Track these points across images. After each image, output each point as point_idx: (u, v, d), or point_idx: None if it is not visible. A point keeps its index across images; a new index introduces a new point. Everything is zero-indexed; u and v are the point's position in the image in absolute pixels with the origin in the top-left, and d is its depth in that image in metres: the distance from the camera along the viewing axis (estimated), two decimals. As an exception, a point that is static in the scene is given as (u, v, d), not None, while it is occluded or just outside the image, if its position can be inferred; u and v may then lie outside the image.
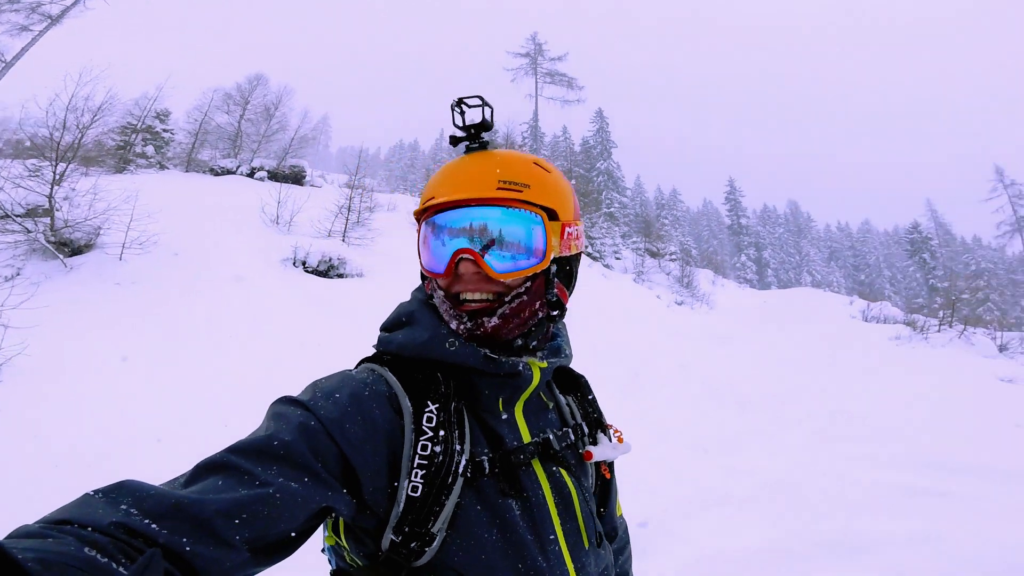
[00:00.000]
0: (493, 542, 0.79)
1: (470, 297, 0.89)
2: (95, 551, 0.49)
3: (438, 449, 0.78)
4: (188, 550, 0.56)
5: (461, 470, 0.79)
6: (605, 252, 23.74)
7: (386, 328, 0.98)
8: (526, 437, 0.90)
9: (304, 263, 10.56)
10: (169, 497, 0.59)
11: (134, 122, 17.99)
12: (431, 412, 0.81)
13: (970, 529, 4.01)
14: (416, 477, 0.76)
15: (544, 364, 0.93)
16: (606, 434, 1.05)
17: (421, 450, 0.78)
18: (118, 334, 6.07)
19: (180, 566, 0.56)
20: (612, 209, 30.74)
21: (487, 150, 0.96)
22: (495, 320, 0.88)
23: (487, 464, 0.83)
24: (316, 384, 0.83)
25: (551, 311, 0.95)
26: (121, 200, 8.51)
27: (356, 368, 0.93)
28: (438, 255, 0.91)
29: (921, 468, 5.43)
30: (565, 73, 37.62)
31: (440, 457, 0.78)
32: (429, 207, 0.93)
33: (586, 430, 1.01)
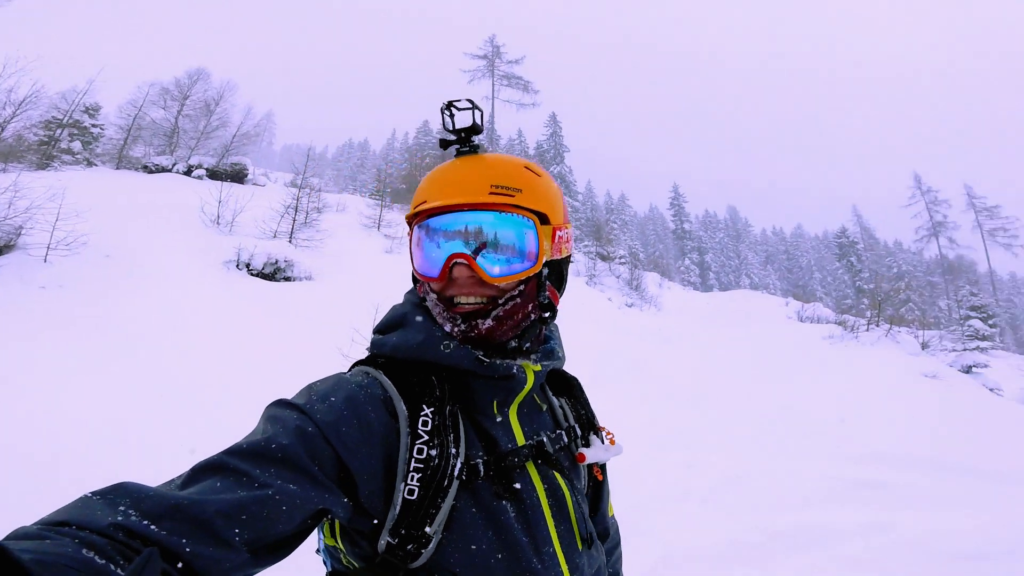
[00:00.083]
0: (488, 544, 0.79)
1: (463, 300, 0.89)
2: (93, 552, 0.49)
3: (434, 453, 0.78)
4: (188, 551, 0.56)
5: (456, 473, 0.79)
6: (558, 255, 23.89)
7: (379, 330, 0.98)
8: (520, 440, 0.90)
9: (248, 265, 10.08)
10: (168, 498, 0.59)
11: (60, 116, 16.79)
12: (426, 416, 0.81)
13: (912, 518, 4.28)
14: (412, 481, 0.77)
15: (538, 367, 0.94)
16: (598, 436, 1.05)
17: (417, 454, 0.78)
18: (43, 341, 5.56)
19: (179, 567, 0.56)
20: (564, 213, 31.15)
21: (478, 154, 0.96)
22: (489, 322, 0.89)
23: (482, 467, 0.83)
24: (311, 387, 0.82)
25: (543, 313, 0.96)
26: (46, 198, 7.87)
27: (350, 371, 0.92)
28: (431, 259, 0.91)
29: (862, 461, 5.79)
30: (521, 76, 37.92)
31: (436, 461, 0.78)
32: (421, 211, 0.93)
33: (579, 432, 1.02)
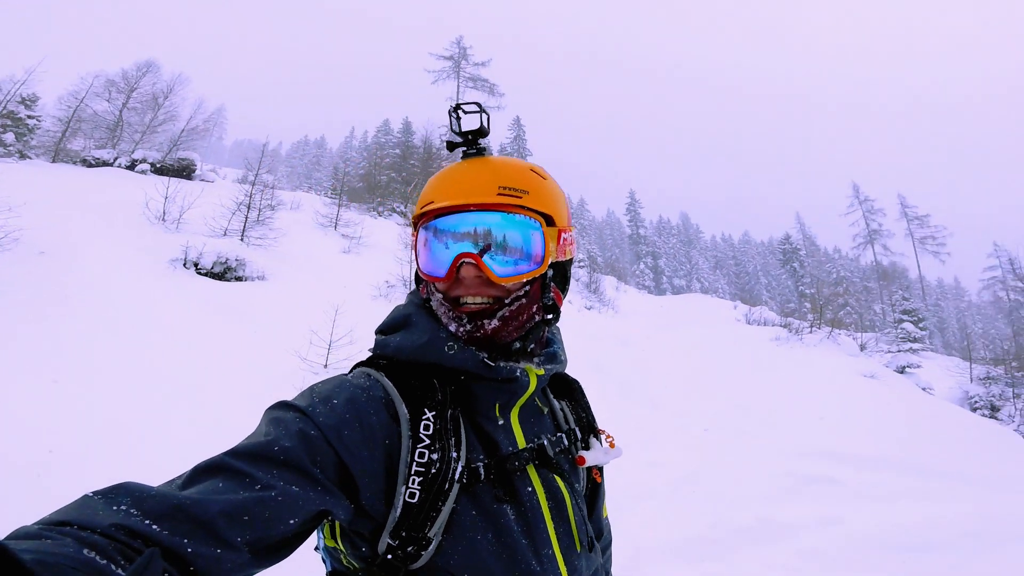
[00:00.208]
0: (488, 546, 0.79)
1: (470, 300, 0.89)
2: (94, 552, 0.49)
3: (435, 457, 0.78)
4: (189, 551, 0.56)
5: (457, 477, 0.79)
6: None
7: (382, 331, 0.97)
8: (521, 443, 0.90)
9: (196, 264, 9.59)
10: (170, 498, 0.59)
11: (-8, 108, 15.58)
12: (428, 420, 0.81)
13: (865, 511, 4.50)
14: (413, 484, 0.77)
15: (541, 371, 0.94)
16: (598, 439, 1.06)
17: (418, 457, 0.78)
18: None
19: (180, 567, 0.56)
20: (525, 216, 31.39)
21: (484, 156, 0.96)
22: (495, 322, 0.88)
23: (483, 470, 0.83)
24: (313, 389, 0.82)
25: (547, 315, 0.96)
26: (-28, 191, 7.25)
27: (351, 372, 0.92)
28: (438, 259, 0.91)
29: (812, 457, 6.05)
30: (487, 79, 37.79)
31: (437, 465, 0.78)
32: (428, 212, 0.92)
33: (579, 435, 1.02)
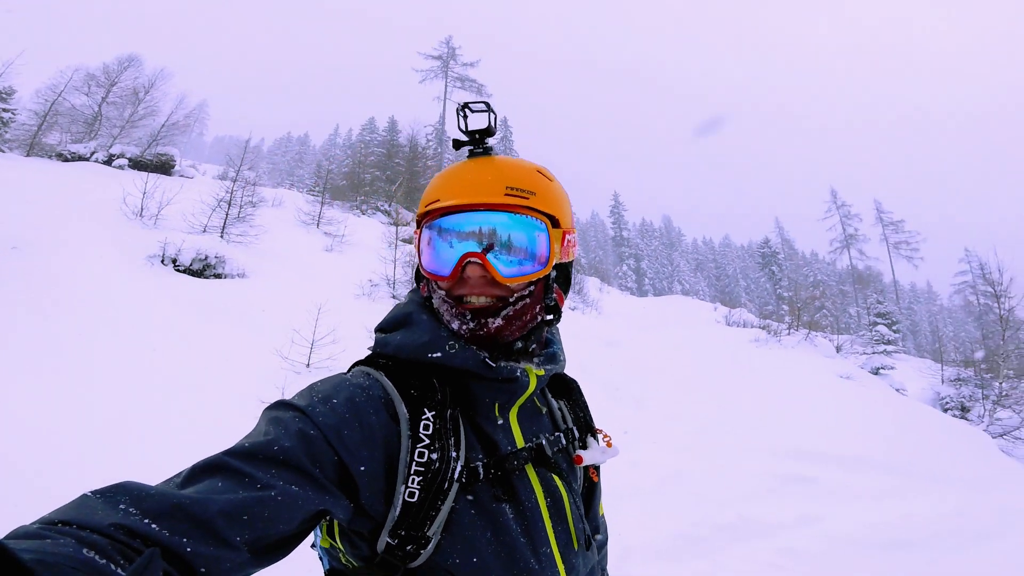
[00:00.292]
0: (487, 545, 0.80)
1: (473, 299, 0.89)
2: (93, 552, 0.49)
3: (435, 457, 0.78)
4: (189, 550, 0.56)
5: (456, 476, 0.79)
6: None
7: (382, 329, 0.97)
8: (520, 442, 0.91)
9: (175, 261, 9.43)
10: (169, 497, 0.59)
11: (-35, 100, 15.12)
12: (428, 420, 0.81)
13: (840, 510, 4.61)
14: (413, 484, 0.77)
15: (541, 371, 0.94)
16: (595, 438, 1.07)
17: (418, 457, 0.78)
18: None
19: (179, 566, 0.56)
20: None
21: (490, 156, 0.96)
22: (499, 321, 0.88)
23: (482, 470, 0.83)
24: (312, 388, 0.82)
25: (548, 315, 0.97)
26: (-61, 182, 7.04)
27: (350, 371, 0.92)
28: (443, 258, 0.90)
29: (791, 457, 6.16)
30: (475, 79, 37.68)
31: (436, 464, 0.78)
32: (433, 210, 0.92)
33: (577, 434, 1.03)
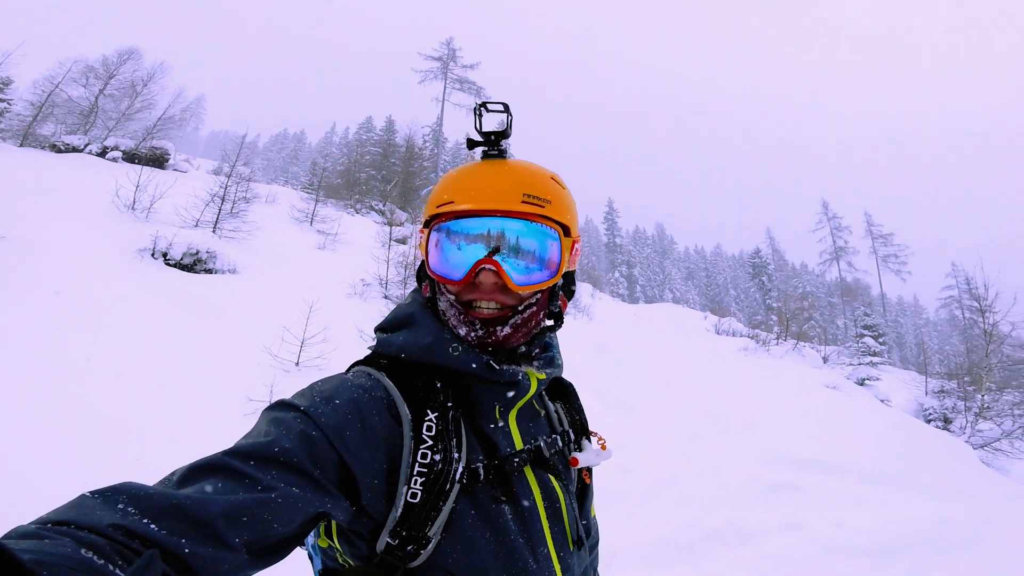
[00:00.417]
0: (486, 545, 0.81)
1: (484, 306, 0.89)
2: (92, 552, 0.48)
3: (437, 458, 0.79)
4: (187, 551, 0.56)
5: (458, 477, 0.80)
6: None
7: (384, 329, 0.97)
8: (519, 444, 0.92)
9: (165, 255, 9.33)
10: (168, 497, 0.58)
11: (-39, 88, 14.96)
12: (431, 421, 0.81)
13: (824, 517, 4.67)
14: (415, 484, 0.77)
15: (542, 375, 0.95)
16: (590, 441, 1.08)
17: (421, 458, 0.78)
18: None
19: (177, 567, 0.56)
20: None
21: (504, 159, 0.95)
22: (507, 329, 0.89)
23: (482, 471, 0.84)
24: (313, 388, 0.81)
25: (550, 321, 0.98)
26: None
27: (351, 372, 0.91)
28: (454, 261, 0.90)
29: (777, 464, 6.20)
30: (475, 81, 37.43)
31: (439, 465, 0.79)
32: (446, 212, 0.91)
33: (572, 437, 1.04)
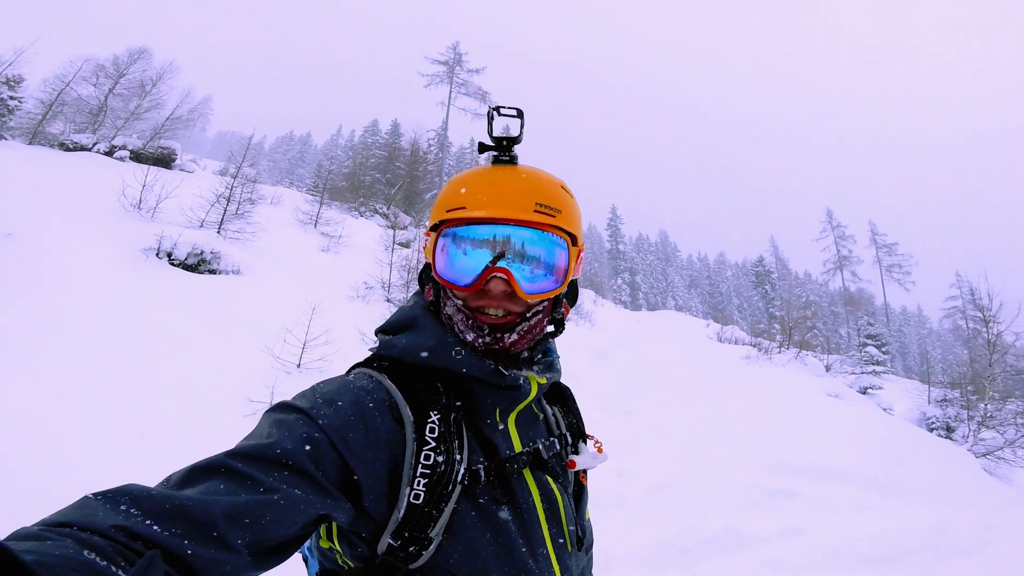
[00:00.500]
0: (486, 546, 0.81)
1: (492, 313, 0.89)
2: (94, 554, 0.49)
3: (440, 459, 0.80)
4: (189, 552, 0.56)
5: (459, 479, 0.80)
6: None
7: (386, 331, 0.97)
8: (518, 447, 0.93)
9: (170, 255, 9.38)
10: (171, 498, 0.58)
11: (-27, 86, 15.13)
12: (433, 423, 0.82)
13: (825, 524, 4.63)
14: (418, 485, 0.77)
15: (543, 380, 0.96)
16: (586, 444, 1.10)
17: (424, 460, 0.79)
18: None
19: (179, 568, 0.56)
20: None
21: (515, 165, 0.95)
22: (514, 336, 0.90)
23: (483, 473, 0.85)
24: (315, 389, 0.82)
25: (552, 327, 1.01)
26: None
27: (352, 373, 0.92)
28: (463, 267, 0.90)
29: (777, 471, 6.16)
30: (480, 86, 37.71)
31: (442, 467, 0.79)
32: (458, 218, 0.91)
33: (569, 440, 1.06)
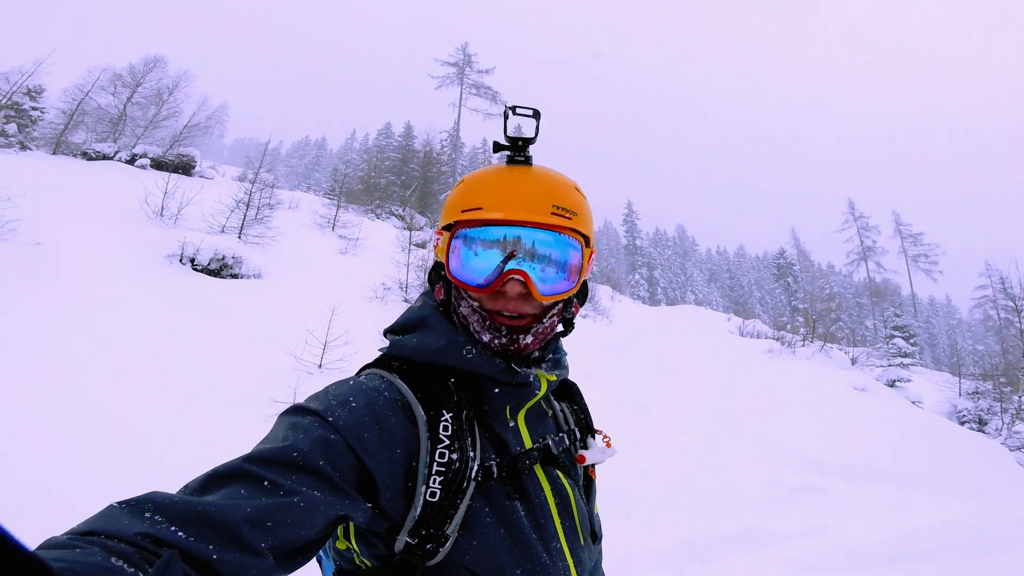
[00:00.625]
0: (501, 541, 0.82)
1: (508, 314, 0.90)
2: (121, 561, 0.49)
3: (455, 457, 0.81)
4: (215, 557, 0.57)
5: (473, 475, 0.82)
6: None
7: (395, 331, 0.98)
8: (528, 443, 0.94)
9: (193, 260, 9.59)
10: (194, 504, 0.59)
11: (-1, 97, 15.57)
12: (446, 421, 0.83)
13: (848, 522, 4.54)
14: (434, 483, 0.79)
15: (552, 377, 0.98)
16: (595, 438, 1.10)
17: (439, 458, 0.80)
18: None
19: (206, 573, 0.56)
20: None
21: (530, 165, 0.95)
22: (529, 338, 0.91)
23: (495, 469, 0.86)
24: (328, 391, 0.83)
25: (562, 326, 1.02)
26: (-30, 180, 7.26)
27: (363, 374, 0.92)
28: (479, 268, 0.90)
29: (800, 468, 6.08)
30: (490, 87, 37.92)
31: (456, 464, 0.80)
32: (476, 219, 0.91)
33: (578, 435, 1.06)
